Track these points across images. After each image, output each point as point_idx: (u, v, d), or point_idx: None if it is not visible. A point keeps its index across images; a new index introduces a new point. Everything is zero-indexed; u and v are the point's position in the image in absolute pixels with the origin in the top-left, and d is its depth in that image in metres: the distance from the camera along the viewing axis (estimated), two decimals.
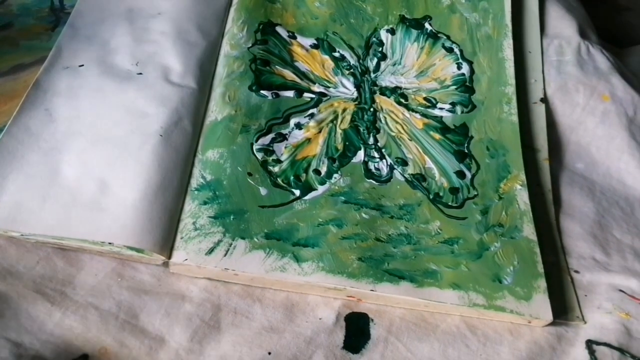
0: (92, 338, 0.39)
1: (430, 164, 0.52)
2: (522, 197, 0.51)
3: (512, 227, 0.49)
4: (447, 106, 0.56)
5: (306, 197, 0.47)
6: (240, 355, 0.41)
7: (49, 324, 0.39)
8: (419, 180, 0.51)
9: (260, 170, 0.48)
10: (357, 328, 0.44)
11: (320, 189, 0.48)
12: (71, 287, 0.41)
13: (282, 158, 0.49)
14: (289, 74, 0.55)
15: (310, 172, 0.49)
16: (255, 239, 0.44)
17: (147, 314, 0.41)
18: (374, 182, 0.50)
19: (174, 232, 0.43)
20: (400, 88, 0.57)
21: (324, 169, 0.49)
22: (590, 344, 0.45)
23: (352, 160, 0.51)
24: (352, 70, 0.57)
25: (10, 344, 0.38)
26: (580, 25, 0.67)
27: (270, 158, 0.49)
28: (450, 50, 0.60)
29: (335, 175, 0.49)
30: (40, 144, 0.45)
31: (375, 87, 0.56)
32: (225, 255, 0.43)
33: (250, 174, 0.47)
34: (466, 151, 0.53)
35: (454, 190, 0.50)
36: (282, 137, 0.51)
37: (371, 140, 0.52)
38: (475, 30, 0.62)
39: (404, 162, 0.51)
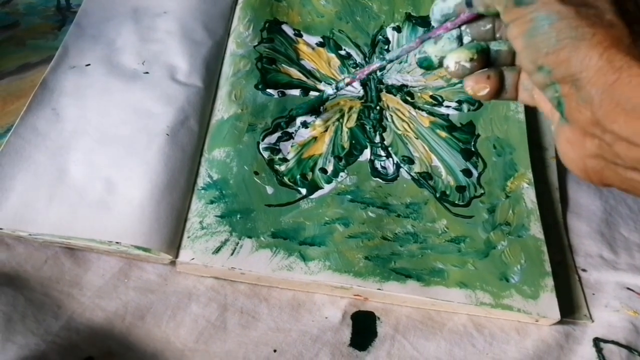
0: (98, 341, 0.39)
1: (436, 162, 0.52)
2: (529, 196, 0.50)
3: (519, 226, 0.48)
4: (454, 104, 0.56)
5: (312, 196, 0.47)
6: (246, 352, 0.41)
7: (55, 327, 0.39)
8: (425, 178, 0.50)
9: (266, 169, 0.48)
10: (363, 326, 0.44)
11: (327, 187, 0.48)
12: (78, 287, 0.41)
13: (289, 157, 0.49)
14: (295, 73, 0.55)
15: (317, 171, 0.49)
16: (262, 238, 0.44)
17: (153, 316, 0.41)
18: (380, 180, 0.50)
19: (180, 232, 0.43)
20: (406, 86, 0.57)
21: (330, 168, 0.49)
22: (597, 342, 0.45)
23: (359, 159, 0.51)
24: (358, 69, 0.57)
25: (16, 346, 0.38)
26: None
27: (277, 157, 0.49)
28: None
29: (341, 173, 0.49)
30: (47, 143, 0.45)
31: (381, 86, 0.56)
32: (232, 254, 0.43)
33: (256, 173, 0.47)
34: (473, 149, 0.53)
35: (460, 189, 0.50)
36: (289, 136, 0.51)
37: (377, 139, 0.52)
38: None
39: (410, 161, 0.51)
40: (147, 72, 0.51)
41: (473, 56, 0.35)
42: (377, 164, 0.51)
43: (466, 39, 0.36)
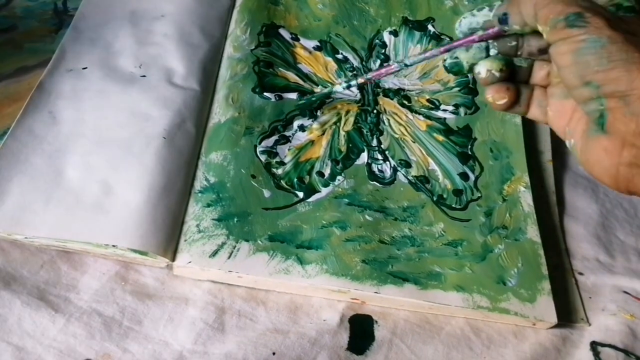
0: (95, 344, 0.39)
1: (433, 165, 0.52)
2: (526, 199, 0.50)
3: (516, 229, 0.49)
4: (451, 108, 0.56)
5: (310, 200, 0.47)
6: (245, 353, 0.41)
7: (52, 330, 0.39)
8: (422, 182, 0.50)
9: (263, 173, 0.48)
10: (361, 330, 0.44)
11: (324, 191, 0.48)
12: (75, 291, 0.41)
13: (286, 160, 0.49)
14: (292, 76, 0.55)
15: (314, 174, 0.49)
16: (259, 241, 0.44)
17: (151, 320, 0.41)
18: (377, 184, 0.50)
19: (177, 235, 0.43)
20: (403, 90, 0.57)
21: (327, 171, 0.49)
22: (595, 345, 0.45)
23: (356, 163, 0.51)
24: (355, 72, 0.57)
25: (12, 347, 0.38)
26: None
27: (274, 160, 0.49)
28: None
29: (338, 177, 0.49)
30: (44, 146, 0.45)
31: (378, 89, 0.56)
32: (229, 257, 0.43)
33: (253, 176, 0.47)
34: (470, 153, 0.53)
35: (457, 192, 0.50)
36: (286, 139, 0.50)
37: (374, 143, 0.52)
38: None
39: (407, 164, 0.51)
40: (144, 76, 0.51)
41: (503, 67, 0.38)
42: (374, 168, 0.51)
43: (492, 52, 0.38)
